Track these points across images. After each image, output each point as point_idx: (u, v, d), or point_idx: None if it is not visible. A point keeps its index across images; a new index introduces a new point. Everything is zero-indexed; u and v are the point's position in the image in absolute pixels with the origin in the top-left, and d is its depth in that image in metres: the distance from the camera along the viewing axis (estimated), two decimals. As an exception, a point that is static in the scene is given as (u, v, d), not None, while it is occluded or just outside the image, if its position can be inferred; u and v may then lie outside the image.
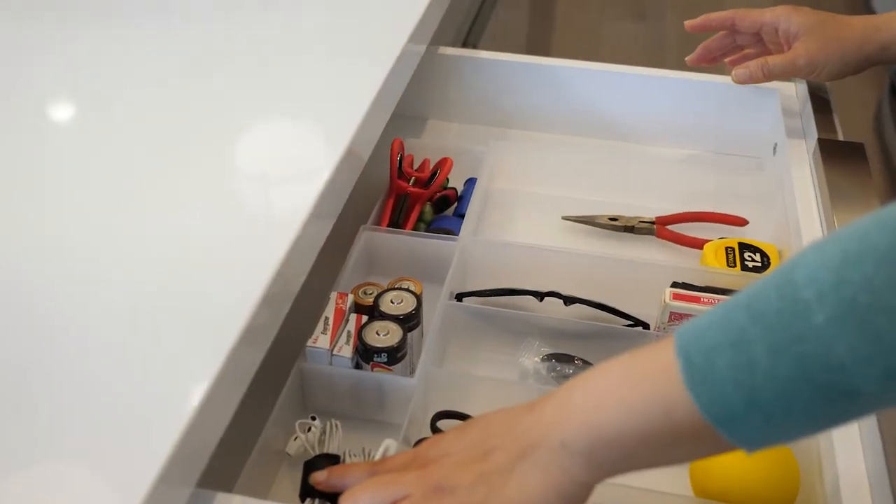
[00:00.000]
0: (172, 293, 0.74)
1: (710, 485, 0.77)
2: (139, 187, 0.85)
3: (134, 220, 0.81)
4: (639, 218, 1.12)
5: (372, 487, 0.64)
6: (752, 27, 1.12)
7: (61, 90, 0.99)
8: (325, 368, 0.85)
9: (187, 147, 0.90)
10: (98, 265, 0.76)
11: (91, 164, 0.87)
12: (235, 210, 0.82)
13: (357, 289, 0.94)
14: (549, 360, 0.91)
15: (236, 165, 0.88)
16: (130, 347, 0.69)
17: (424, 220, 1.10)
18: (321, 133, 0.93)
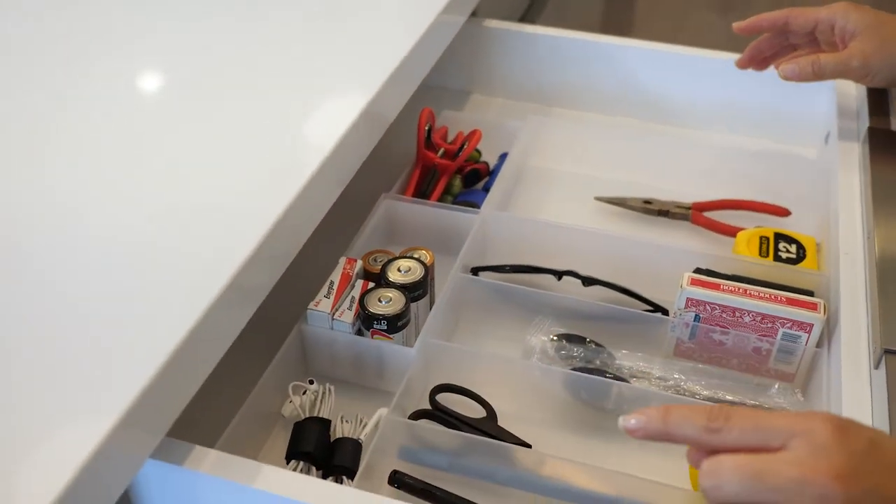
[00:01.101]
0: (164, 244, 0.73)
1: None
2: (145, 134, 0.85)
3: (134, 167, 0.81)
4: (674, 202, 1.08)
5: (741, 475, 0.53)
6: (806, 25, 1.04)
7: (68, 39, 1.00)
8: (325, 332, 0.84)
9: (197, 100, 0.90)
10: (94, 210, 0.77)
11: (97, 108, 0.88)
12: (239, 166, 0.82)
13: (368, 255, 0.92)
14: (560, 339, 0.88)
15: (246, 121, 0.88)
16: (112, 293, 0.69)
17: (452, 192, 1.08)
18: (339, 95, 0.91)
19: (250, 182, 0.80)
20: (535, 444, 0.80)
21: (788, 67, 1.00)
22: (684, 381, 0.84)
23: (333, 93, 0.92)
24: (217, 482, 0.66)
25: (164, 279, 0.70)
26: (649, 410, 0.58)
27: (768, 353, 0.85)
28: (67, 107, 0.89)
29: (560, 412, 0.84)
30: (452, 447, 0.78)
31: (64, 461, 0.56)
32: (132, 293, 0.69)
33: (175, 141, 0.85)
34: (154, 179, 0.80)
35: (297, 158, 0.82)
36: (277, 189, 0.77)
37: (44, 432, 0.59)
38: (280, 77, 0.94)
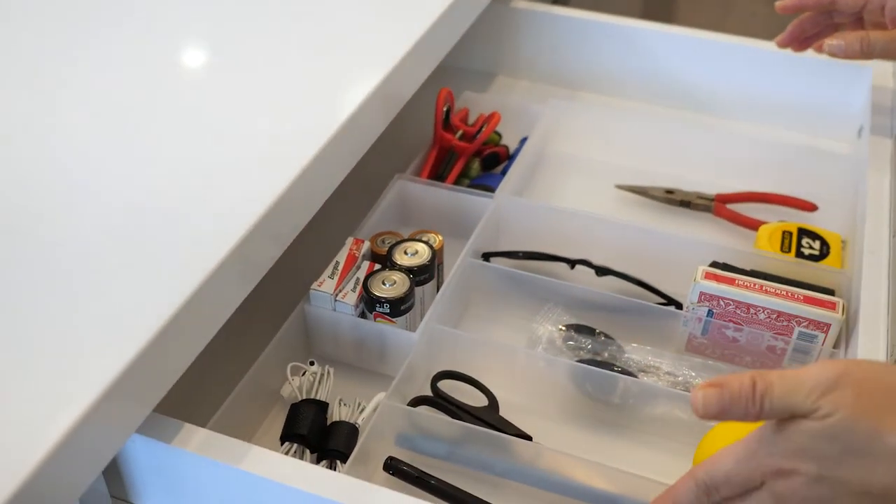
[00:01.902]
0: (164, 211, 0.73)
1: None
2: (153, 100, 0.84)
3: (138, 133, 0.80)
4: (697, 193, 1.05)
5: None
6: (855, 4, 0.99)
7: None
8: (327, 313, 0.83)
9: (206, 72, 0.89)
10: (97, 170, 0.76)
11: (109, 72, 0.87)
12: (246, 138, 0.81)
13: (376, 237, 0.91)
14: (569, 329, 0.86)
15: (256, 94, 0.86)
16: (108, 260, 0.68)
17: (469, 175, 1.06)
18: (352, 72, 0.90)
19: (256, 155, 0.79)
20: (536, 436, 0.79)
21: (834, 43, 0.95)
22: (694, 378, 0.82)
23: (348, 68, 0.90)
24: (203, 461, 0.65)
25: (161, 248, 0.69)
26: None
27: (783, 352, 0.83)
28: (78, 72, 0.88)
29: (564, 404, 0.82)
30: (451, 436, 0.77)
31: (47, 429, 0.55)
32: (128, 261, 0.68)
33: (182, 109, 0.84)
34: (159, 146, 0.79)
35: (306, 133, 0.80)
36: (283, 164, 0.76)
37: (28, 398, 0.58)
38: (293, 52, 0.92)
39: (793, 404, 0.50)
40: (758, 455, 0.52)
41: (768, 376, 0.51)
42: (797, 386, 0.50)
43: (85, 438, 0.57)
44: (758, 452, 0.52)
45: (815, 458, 0.50)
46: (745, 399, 0.51)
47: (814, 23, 1.02)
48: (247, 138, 0.80)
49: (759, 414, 0.51)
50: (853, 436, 0.48)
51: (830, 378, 0.50)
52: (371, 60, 0.90)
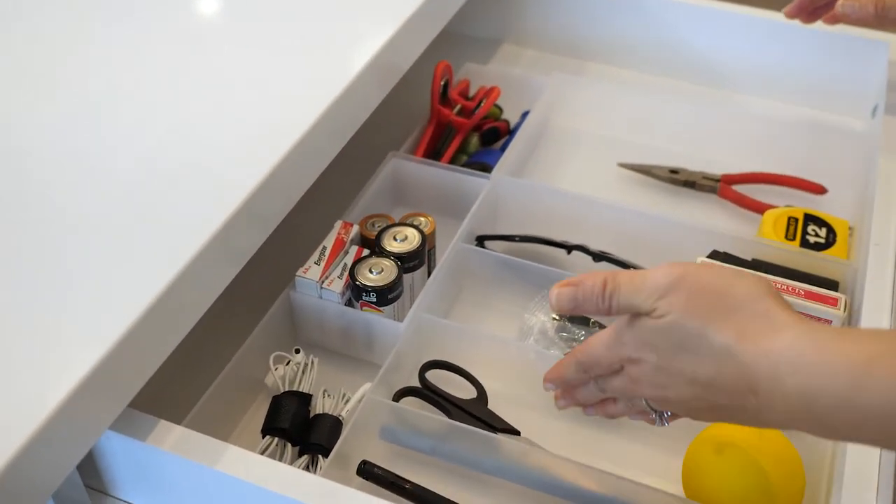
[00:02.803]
0: (147, 190, 0.70)
1: (701, 488, 0.69)
2: (137, 76, 0.82)
3: (122, 109, 0.78)
4: (702, 173, 1.02)
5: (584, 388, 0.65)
6: None
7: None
8: (313, 301, 0.81)
9: (193, 43, 0.86)
10: (77, 150, 0.74)
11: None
12: (232, 114, 0.78)
13: (366, 220, 0.88)
14: (562, 319, 0.84)
15: (244, 66, 0.83)
16: (84, 244, 0.66)
17: (467, 151, 1.03)
18: (347, 42, 0.86)
19: (242, 133, 0.76)
20: (524, 429, 0.77)
21: (848, 3, 0.90)
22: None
23: (341, 38, 0.87)
24: (178, 460, 0.63)
25: (142, 232, 0.67)
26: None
27: (782, 347, 0.80)
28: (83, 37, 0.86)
29: (553, 397, 0.80)
30: (436, 432, 0.75)
31: (17, 425, 0.54)
32: (106, 245, 0.66)
33: (168, 82, 0.81)
34: (142, 120, 0.77)
35: (294, 109, 0.77)
36: (271, 141, 0.73)
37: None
38: (283, 19, 0.89)
39: (635, 304, 0.57)
40: (617, 343, 0.60)
41: (618, 277, 0.58)
42: (640, 287, 0.57)
43: (57, 435, 0.56)
44: (617, 341, 0.60)
45: (654, 350, 0.57)
46: (595, 297, 0.59)
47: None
48: (232, 118, 0.77)
49: (608, 310, 0.59)
50: (683, 334, 0.55)
51: (669, 282, 0.56)
52: (369, 27, 0.86)
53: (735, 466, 0.68)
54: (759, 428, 0.63)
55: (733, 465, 0.68)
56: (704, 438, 0.71)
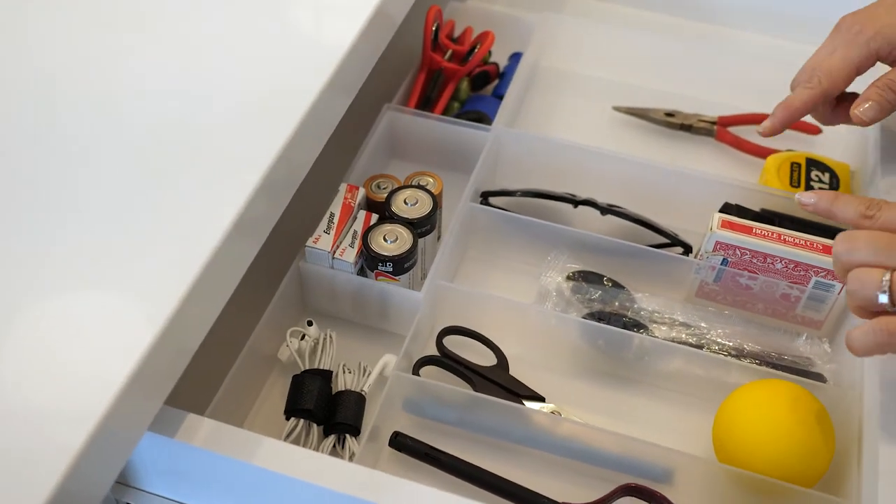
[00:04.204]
0: (168, 173, 0.66)
1: (735, 451, 0.70)
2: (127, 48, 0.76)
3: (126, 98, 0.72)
4: (698, 116, 1.00)
5: (876, 241, 0.60)
6: None
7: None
8: (326, 271, 0.78)
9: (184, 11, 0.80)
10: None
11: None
12: (239, 83, 0.73)
13: (370, 181, 0.85)
14: (577, 278, 0.82)
15: (240, 28, 0.78)
16: (110, 239, 0.62)
17: (459, 98, 0.99)
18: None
19: (257, 100, 0.71)
20: (548, 394, 0.76)
21: (861, 111, 0.74)
22: (707, 331, 0.79)
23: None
24: (213, 457, 0.61)
25: (169, 212, 0.64)
26: (821, 192, 0.66)
27: (797, 300, 0.80)
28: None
29: (575, 360, 0.79)
30: (462, 402, 0.74)
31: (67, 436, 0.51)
32: (130, 238, 0.62)
33: (166, 45, 0.75)
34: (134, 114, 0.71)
35: (302, 72, 0.73)
36: (286, 105, 0.70)
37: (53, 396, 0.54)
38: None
39: None
40: None
41: None
42: None
43: (103, 444, 0.53)
44: None
45: None
46: None
47: None
48: (237, 88, 0.73)
49: None
50: None
51: None
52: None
53: (787, 416, 0.68)
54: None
55: (785, 414, 0.69)
56: (736, 398, 0.71)
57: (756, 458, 0.68)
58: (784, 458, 0.68)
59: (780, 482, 0.67)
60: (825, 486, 0.70)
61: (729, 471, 0.69)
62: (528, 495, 0.69)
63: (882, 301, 0.58)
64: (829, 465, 0.69)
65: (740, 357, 0.77)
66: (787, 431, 0.68)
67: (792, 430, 0.68)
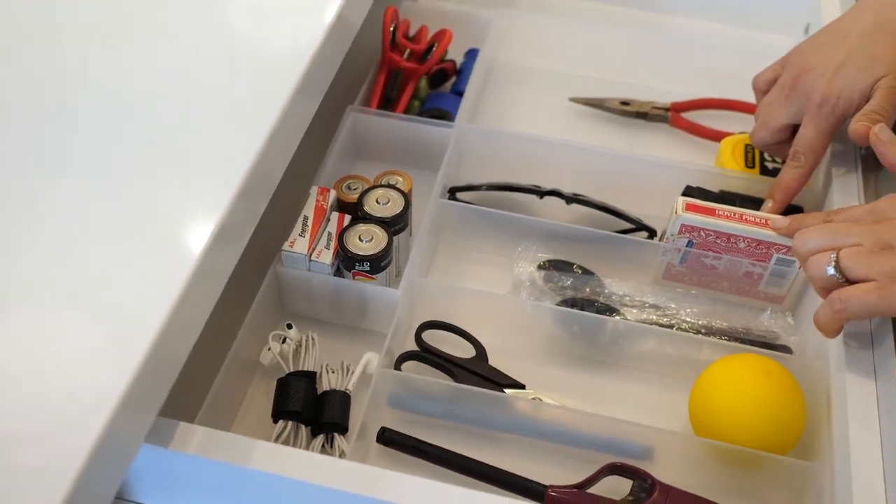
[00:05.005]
0: (146, 186, 0.66)
1: (711, 424, 0.72)
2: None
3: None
4: (652, 103, 1.03)
5: (823, 230, 0.68)
6: None
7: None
8: (303, 274, 0.79)
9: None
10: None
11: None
12: (207, 91, 0.73)
13: (340, 183, 0.86)
14: (548, 267, 0.84)
15: (206, 35, 0.78)
16: (103, 245, 0.63)
17: (419, 97, 1.01)
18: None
19: (228, 110, 0.72)
20: (527, 381, 0.78)
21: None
22: (676, 311, 0.82)
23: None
24: (208, 464, 0.62)
25: (151, 226, 0.64)
26: (790, 216, 0.79)
27: (760, 276, 0.83)
28: None
29: (552, 347, 0.81)
30: (446, 395, 0.75)
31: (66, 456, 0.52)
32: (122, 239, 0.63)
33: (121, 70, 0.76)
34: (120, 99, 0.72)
35: (270, 78, 0.74)
36: (257, 114, 0.70)
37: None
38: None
39: None
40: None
41: None
42: None
43: (103, 461, 0.53)
44: None
45: None
46: None
47: None
48: (207, 99, 0.73)
49: None
50: None
51: None
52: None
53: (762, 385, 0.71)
54: None
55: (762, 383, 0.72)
56: (712, 372, 0.74)
57: (732, 429, 0.71)
58: (759, 428, 0.71)
59: (756, 451, 0.70)
60: (799, 451, 0.73)
61: (706, 443, 0.72)
62: (515, 480, 0.70)
63: (830, 273, 0.66)
64: (801, 431, 0.72)
65: (710, 334, 0.80)
66: (760, 402, 0.71)
67: (765, 400, 0.71)
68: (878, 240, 0.64)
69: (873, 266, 0.64)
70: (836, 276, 0.65)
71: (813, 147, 0.82)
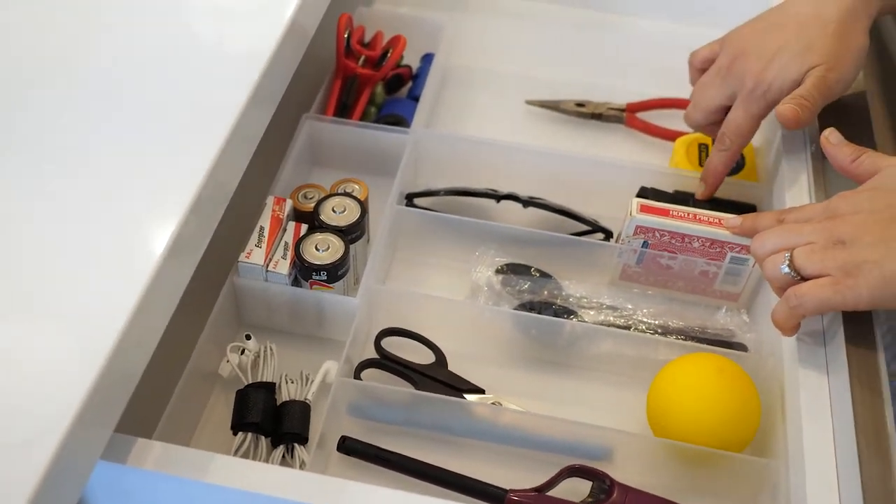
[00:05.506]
0: (100, 197, 0.66)
1: (668, 425, 0.73)
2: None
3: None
4: (607, 104, 1.03)
5: (778, 231, 0.70)
6: None
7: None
8: (260, 284, 0.78)
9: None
10: None
11: None
12: (158, 101, 0.73)
13: (297, 192, 0.86)
14: (505, 271, 0.85)
15: (155, 45, 0.78)
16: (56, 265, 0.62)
17: (375, 102, 1.01)
18: (261, 3, 0.82)
19: (180, 120, 0.72)
20: (487, 385, 0.78)
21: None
22: (633, 312, 0.82)
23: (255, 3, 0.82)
24: (167, 479, 0.61)
25: (101, 244, 0.64)
26: (744, 216, 0.79)
27: (715, 275, 0.84)
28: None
29: (511, 351, 0.82)
30: (406, 402, 0.75)
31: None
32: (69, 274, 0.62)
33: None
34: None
35: (223, 88, 0.73)
36: (210, 123, 0.70)
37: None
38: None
39: None
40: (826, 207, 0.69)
41: None
42: None
43: (56, 482, 0.53)
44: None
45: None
46: None
47: None
48: (156, 111, 0.73)
49: None
50: None
51: None
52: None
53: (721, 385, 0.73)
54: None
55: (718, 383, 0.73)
56: (670, 371, 0.74)
57: (688, 429, 0.72)
58: (714, 427, 0.72)
59: (712, 450, 0.71)
60: (756, 448, 0.74)
61: (664, 443, 0.73)
62: (476, 485, 0.71)
63: (785, 272, 0.67)
64: (757, 429, 0.73)
65: (666, 334, 0.81)
66: (715, 401, 0.72)
67: (719, 399, 0.72)
68: (830, 236, 0.66)
69: (826, 262, 0.65)
70: (791, 274, 0.67)
71: (740, 130, 0.83)
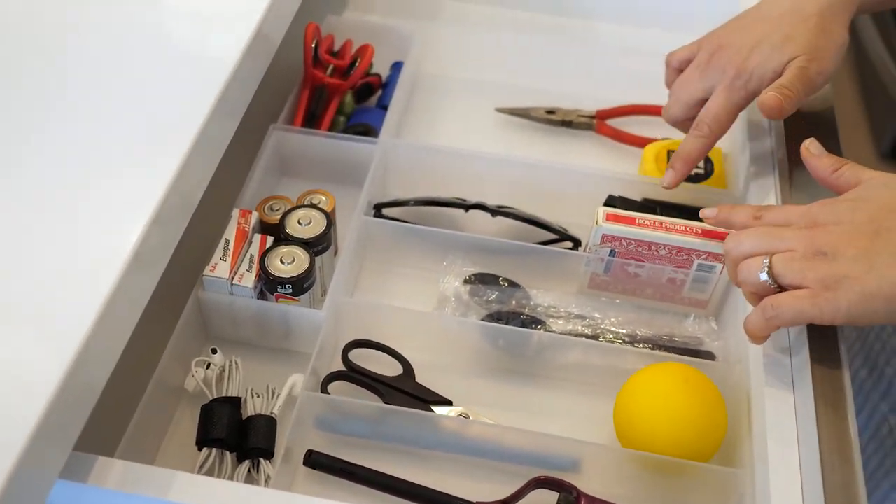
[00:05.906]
0: (60, 208, 0.65)
1: (635, 436, 0.73)
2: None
3: None
4: (577, 112, 1.03)
5: (757, 234, 0.67)
6: None
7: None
8: (225, 298, 0.78)
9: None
10: None
11: None
12: (120, 111, 0.72)
13: (263, 203, 0.85)
14: (473, 281, 0.85)
15: (118, 53, 0.77)
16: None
17: (344, 112, 1.00)
18: (226, 12, 0.81)
19: (142, 129, 0.71)
20: (455, 397, 0.78)
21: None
22: (601, 321, 0.82)
23: (220, 12, 0.81)
24: (125, 498, 0.61)
25: (56, 255, 0.63)
26: (720, 206, 0.75)
27: (683, 283, 0.84)
28: None
29: (479, 362, 0.82)
30: (373, 415, 0.75)
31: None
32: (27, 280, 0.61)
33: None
34: None
35: (185, 97, 0.73)
36: (173, 133, 0.69)
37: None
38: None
39: None
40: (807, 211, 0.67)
41: None
42: None
43: (13, 496, 0.52)
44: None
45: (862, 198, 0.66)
46: None
47: None
48: (118, 119, 0.72)
49: None
50: None
51: None
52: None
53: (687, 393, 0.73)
54: None
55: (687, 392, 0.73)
56: (635, 382, 0.74)
57: (655, 439, 0.72)
58: (680, 437, 0.72)
59: (679, 460, 0.71)
60: (722, 457, 0.74)
61: (631, 454, 0.73)
62: (443, 499, 0.71)
63: (763, 279, 0.65)
64: (723, 438, 0.73)
65: (634, 343, 0.81)
66: (680, 411, 0.72)
67: (685, 409, 0.72)
68: (811, 245, 0.64)
69: (806, 272, 0.63)
70: (769, 281, 0.64)
71: (719, 118, 0.81)
